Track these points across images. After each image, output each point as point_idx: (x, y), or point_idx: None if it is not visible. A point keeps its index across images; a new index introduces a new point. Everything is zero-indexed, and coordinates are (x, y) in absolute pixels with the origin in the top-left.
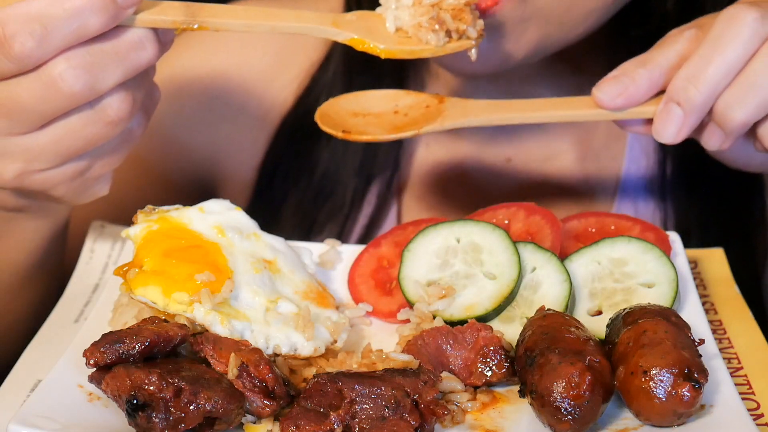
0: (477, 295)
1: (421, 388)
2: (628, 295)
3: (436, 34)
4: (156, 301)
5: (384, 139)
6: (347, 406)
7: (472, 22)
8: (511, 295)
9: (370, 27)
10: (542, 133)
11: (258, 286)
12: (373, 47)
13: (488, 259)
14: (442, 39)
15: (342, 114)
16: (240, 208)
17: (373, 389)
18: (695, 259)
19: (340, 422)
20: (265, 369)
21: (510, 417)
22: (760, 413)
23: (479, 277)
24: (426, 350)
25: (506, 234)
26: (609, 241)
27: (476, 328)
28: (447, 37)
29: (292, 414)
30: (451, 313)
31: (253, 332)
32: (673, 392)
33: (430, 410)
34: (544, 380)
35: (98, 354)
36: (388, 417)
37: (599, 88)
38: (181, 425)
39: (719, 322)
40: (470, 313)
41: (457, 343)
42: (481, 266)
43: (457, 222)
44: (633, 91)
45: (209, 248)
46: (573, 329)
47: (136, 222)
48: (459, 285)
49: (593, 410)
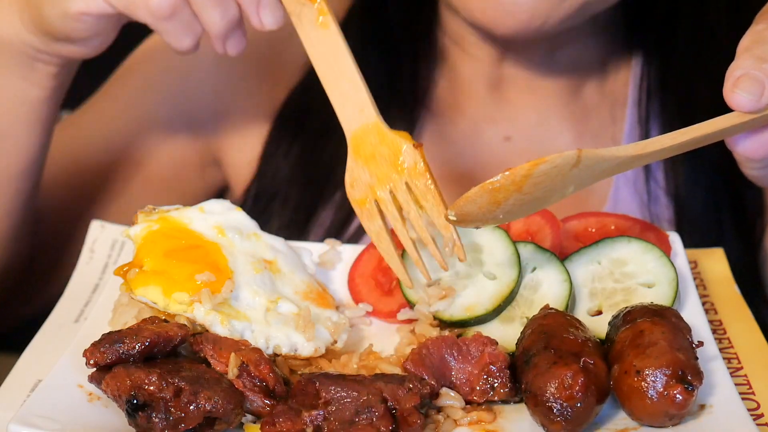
0: (477, 295)
1: (401, 395)
2: (628, 295)
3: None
4: (156, 301)
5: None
6: (322, 406)
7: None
8: (511, 294)
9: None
10: (541, 114)
11: (258, 286)
12: None
13: (488, 259)
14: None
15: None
16: (240, 209)
17: (349, 392)
18: (695, 259)
19: (311, 422)
20: (266, 368)
21: (510, 417)
22: (760, 413)
23: (479, 277)
24: (430, 360)
25: (506, 233)
26: (609, 241)
27: (482, 342)
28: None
29: (274, 411)
30: (451, 313)
31: (253, 332)
32: (665, 393)
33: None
34: (538, 380)
35: (98, 354)
36: (358, 421)
37: (738, 90)
38: (181, 425)
39: (719, 322)
40: (470, 314)
41: (461, 355)
42: (481, 266)
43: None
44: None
45: (209, 248)
46: (572, 329)
47: (136, 222)
48: (459, 285)
49: (586, 412)
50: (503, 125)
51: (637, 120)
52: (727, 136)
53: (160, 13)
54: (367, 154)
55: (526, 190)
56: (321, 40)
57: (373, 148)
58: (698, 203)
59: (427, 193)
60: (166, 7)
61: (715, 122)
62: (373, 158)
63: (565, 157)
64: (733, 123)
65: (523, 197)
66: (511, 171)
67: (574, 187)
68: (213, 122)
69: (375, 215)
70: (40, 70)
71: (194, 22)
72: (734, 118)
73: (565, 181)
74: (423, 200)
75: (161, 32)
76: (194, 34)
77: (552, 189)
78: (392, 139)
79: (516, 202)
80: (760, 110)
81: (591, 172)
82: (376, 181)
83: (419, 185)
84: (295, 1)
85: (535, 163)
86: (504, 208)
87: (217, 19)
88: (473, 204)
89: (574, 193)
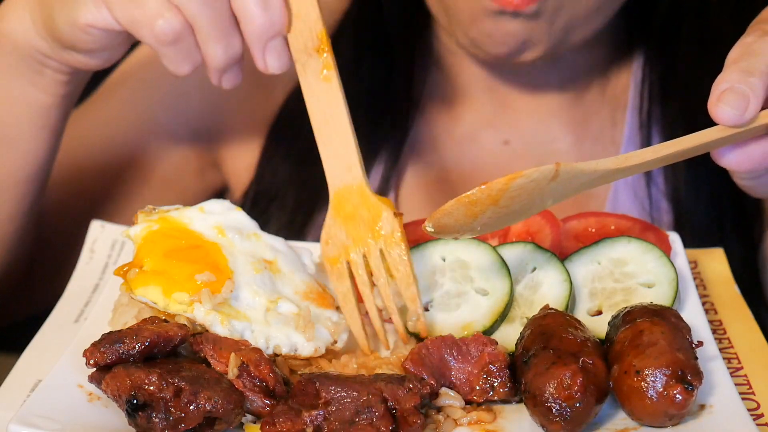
0: (472, 312)
1: (401, 395)
2: (628, 295)
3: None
4: (156, 301)
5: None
6: (322, 407)
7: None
8: (506, 308)
9: None
10: (540, 117)
11: (258, 286)
12: None
13: (477, 275)
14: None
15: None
16: (240, 209)
17: (349, 392)
18: (695, 259)
19: (311, 422)
20: (266, 368)
21: (510, 417)
22: (760, 413)
23: (471, 294)
24: (430, 360)
25: (491, 248)
26: (609, 241)
27: (482, 342)
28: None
29: (274, 411)
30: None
31: (253, 332)
32: (664, 393)
33: (405, 419)
34: (537, 380)
35: (98, 354)
36: (358, 421)
37: (723, 104)
38: (181, 425)
39: (719, 322)
40: (469, 331)
41: (461, 355)
42: (471, 283)
43: (438, 241)
44: (755, 101)
45: (209, 248)
46: (572, 329)
47: (137, 222)
48: (452, 305)
49: (585, 412)
50: (502, 129)
51: (638, 124)
52: (712, 149)
53: (163, 38)
54: (346, 213)
55: (503, 203)
56: (322, 92)
57: (353, 209)
58: (698, 208)
59: (400, 264)
60: (170, 32)
61: (698, 136)
62: (353, 219)
63: (543, 171)
64: (718, 137)
65: (500, 210)
66: (488, 185)
67: (552, 200)
68: (212, 124)
69: (345, 276)
70: (48, 76)
71: (195, 51)
72: (718, 131)
73: (542, 194)
74: (395, 270)
75: (160, 55)
76: (193, 63)
77: (530, 202)
78: (374, 204)
79: (493, 215)
80: (744, 124)
81: (569, 186)
82: (352, 242)
83: (393, 254)
84: (302, 50)
85: (511, 177)
86: (481, 221)
87: (219, 53)
88: (450, 216)
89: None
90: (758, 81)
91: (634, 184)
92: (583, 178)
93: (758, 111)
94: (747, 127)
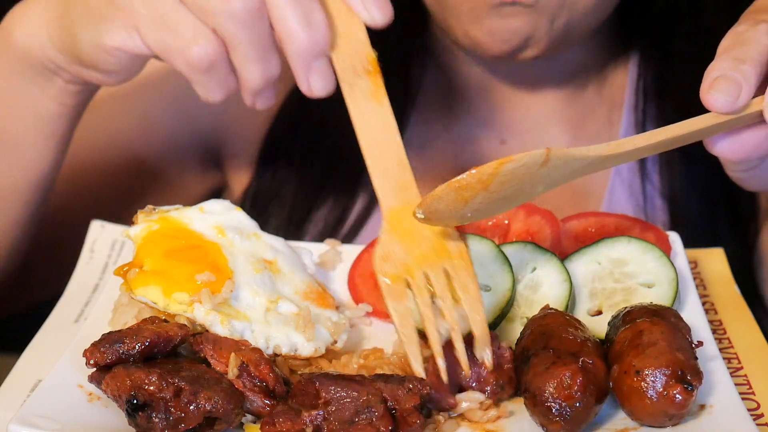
0: None
1: (401, 395)
2: (628, 295)
3: None
4: (156, 301)
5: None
6: (322, 406)
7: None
8: (508, 304)
9: None
10: (537, 117)
11: (258, 286)
12: None
13: (480, 271)
14: None
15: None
16: (240, 209)
17: (348, 392)
18: (695, 259)
19: (311, 422)
20: (266, 368)
21: (510, 417)
22: (760, 413)
23: None
24: None
25: (493, 243)
26: (609, 241)
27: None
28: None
29: (274, 411)
30: None
31: (253, 332)
32: (664, 393)
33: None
34: (537, 380)
35: (98, 354)
36: (357, 421)
37: (714, 91)
38: (181, 425)
39: (719, 322)
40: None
41: (471, 358)
42: None
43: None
44: (747, 88)
45: (209, 248)
46: (571, 329)
47: (137, 222)
48: None
49: (585, 411)
50: (499, 128)
51: (633, 122)
52: (704, 136)
53: (197, 66)
54: (404, 230)
55: (493, 188)
56: (372, 113)
57: (412, 226)
58: (693, 205)
59: (469, 284)
60: (205, 60)
61: (691, 122)
62: (411, 236)
63: (533, 155)
64: (710, 124)
65: (491, 195)
66: (478, 169)
67: (543, 187)
68: (212, 124)
69: (405, 295)
70: (58, 85)
71: (230, 77)
72: (710, 118)
73: (533, 180)
74: (462, 291)
75: (193, 82)
76: (227, 90)
77: (520, 188)
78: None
79: (483, 200)
80: (737, 112)
81: (561, 172)
82: (413, 260)
83: (461, 275)
84: (351, 70)
85: (501, 162)
86: (471, 206)
87: (256, 76)
88: (440, 202)
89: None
90: (750, 68)
91: (630, 181)
92: (574, 164)
93: (750, 98)
94: (739, 114)
